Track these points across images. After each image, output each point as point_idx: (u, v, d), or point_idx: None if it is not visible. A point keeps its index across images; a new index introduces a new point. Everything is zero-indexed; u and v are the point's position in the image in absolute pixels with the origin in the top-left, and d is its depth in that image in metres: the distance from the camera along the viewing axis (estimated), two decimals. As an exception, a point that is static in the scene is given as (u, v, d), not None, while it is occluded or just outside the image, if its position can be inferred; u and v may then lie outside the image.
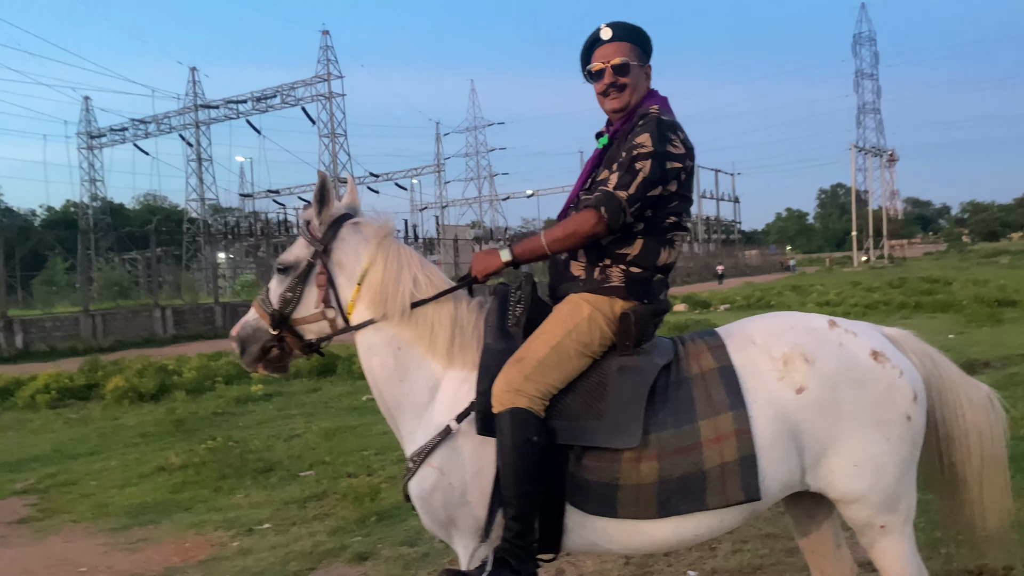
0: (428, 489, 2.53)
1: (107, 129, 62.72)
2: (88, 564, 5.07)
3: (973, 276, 33.92)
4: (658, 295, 2.60)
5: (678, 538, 2.50)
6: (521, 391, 2.39)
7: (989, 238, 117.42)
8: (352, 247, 2.70)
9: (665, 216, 2.55)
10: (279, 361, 2.84)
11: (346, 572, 4.60)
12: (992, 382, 8.83)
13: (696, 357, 2.51)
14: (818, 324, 2.59)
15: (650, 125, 2.48)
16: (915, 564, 2.58)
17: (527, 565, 2.42)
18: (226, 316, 28.84)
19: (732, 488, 2.37)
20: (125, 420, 10.44)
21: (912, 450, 2.52)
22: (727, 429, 2.37)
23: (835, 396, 2.42)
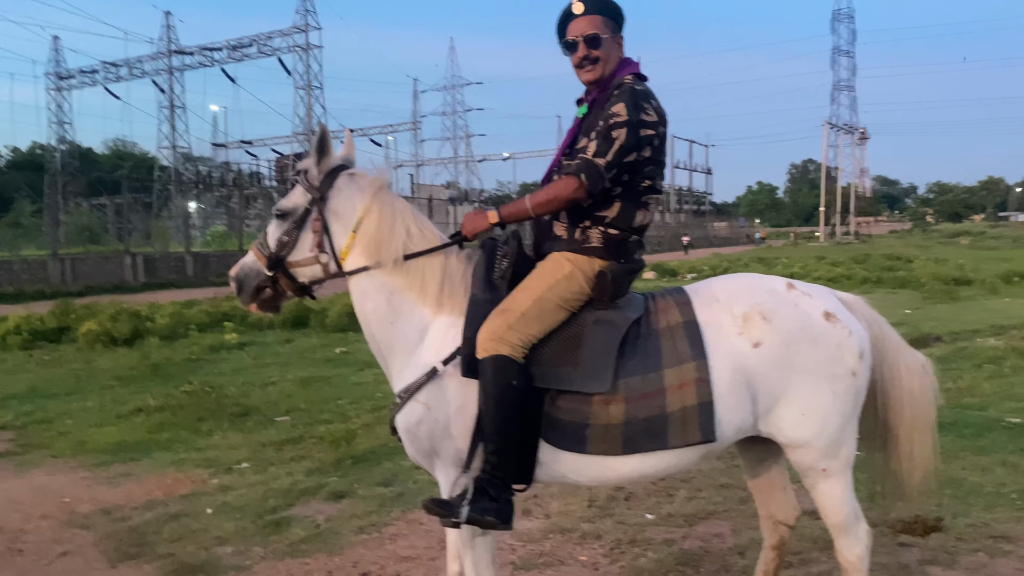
0: (415, 422, 2.75)
1: (77, 71, 61.20)
2: (71, 495, 5.26)
3: (934, 255, 34.71)
4: (633, 255, 2.82)
5: (639, 473, 2.75)
6: (504, 339, 2.59)
7: (953, 219, 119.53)
8: (348, 196, 2.86)
9: (640, 180, 2.75)
10: (272, 301, 3.02)
11: (324, 508, 4.84)
12: (941, 355, 9.30)
13: (665, 312, 2.75)
14: (777, 286, 2.84)
15: (624, 95, 2.67)
16: (851, 505, 2.86)
17: (504, 493, 2.66)
18: (197, 265, 28.71)
19: (691, 430, 2.62)
20: (99, 363, 10.52)
21: (855, 403, 2.78)
22: (689, 377, 2.62)
23: (789, 351, 2.67)
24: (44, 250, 27.80)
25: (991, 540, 4.02)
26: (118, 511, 4.91)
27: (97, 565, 4.14)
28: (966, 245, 50.45)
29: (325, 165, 2.90)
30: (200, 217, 46.06)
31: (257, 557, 4.16)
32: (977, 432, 5.99)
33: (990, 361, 8.92)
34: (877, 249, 44.62)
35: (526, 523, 4.46)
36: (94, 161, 71.10)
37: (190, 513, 4.82)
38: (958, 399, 7.16)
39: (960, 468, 5.15)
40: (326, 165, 2.90)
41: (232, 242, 34.97)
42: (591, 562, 3.96)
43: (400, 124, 71.75)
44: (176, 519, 4.72)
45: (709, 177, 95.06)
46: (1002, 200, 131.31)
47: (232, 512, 4.80)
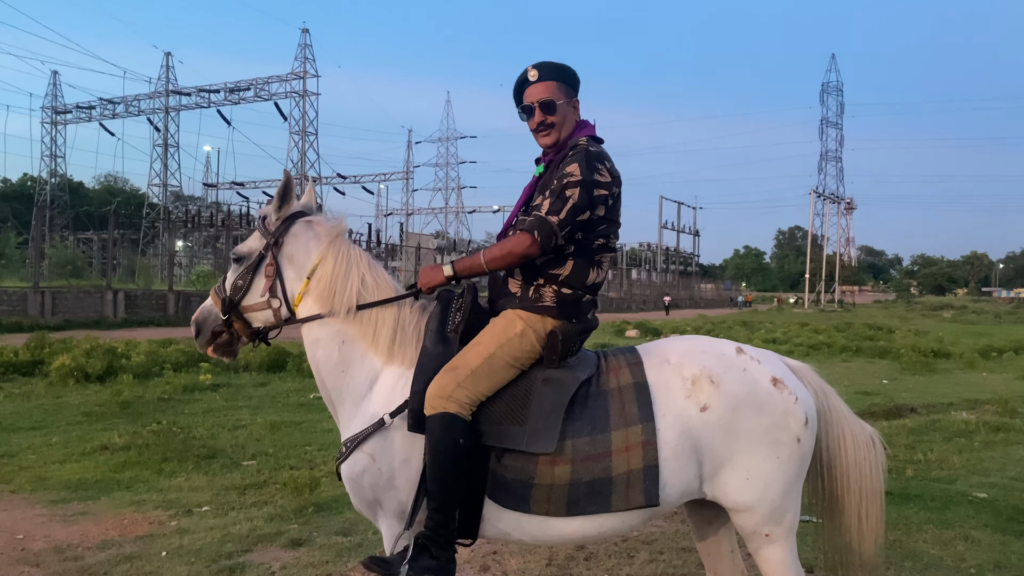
0: (359, 472, 2.75)
1: (73, 106, 61.64)
2: (25, 532, 5.16)
3: (915, 327, 35.05)
4: (586, 314, 2.84)
5: (582, 534, 2.74)
6: (452, 397, 2.59)
7: (936, 291, 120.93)
8: (303, 242, 2.90)
9: (594, 239, 2.80)
10: (228, 345, 3.02)
11: (280, 556, 4.76)
12: (914, 426, 9.35)
13: (615, 372, 2.76)
14: (727, 350, 2.86)
15: (579, 156, 2.73)
16: (794, 569, 2.85)
17: (445, 552, 2.64)
18: (179, 304, 28.58)
19: (635, 494, 2.61)
20: (69, 399, 10.41)
21: (800, 468, 2.80)
22: (636, 440, 2.62)
23: (735, 416, 2.68)
24: (26, 282, 27.64)
25: (946, 615, 4.01)
26: (71, 550, 4.82)
27: (42, 605, 4.05)
28: (948, 318, 50.92)
29: (285, 211, 2.94)
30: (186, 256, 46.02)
31: (206, 603, 4.08)
32: (943, 505, 5.99)
33: (961, 435, 8.97)
34: (860, 318, 44.98)
35: (483, 579, 4.41)
36: (84, 195, 71.13)
37: (143, 555, 4.73)
38: (927, 471, 7.18)
39: (922, 541, 5.15)
40: (286, 211, 2.94)
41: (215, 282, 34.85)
42: (545, 621, 3.91)
43: (393, 173, 72.42)
44: (129, 560, 4.64)
45: (697, 239, 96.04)
46: (985, 275, 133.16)
47: (187, 555, 4.72)
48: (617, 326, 30.47)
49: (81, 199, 66.41)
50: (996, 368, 18.07)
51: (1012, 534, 5.35)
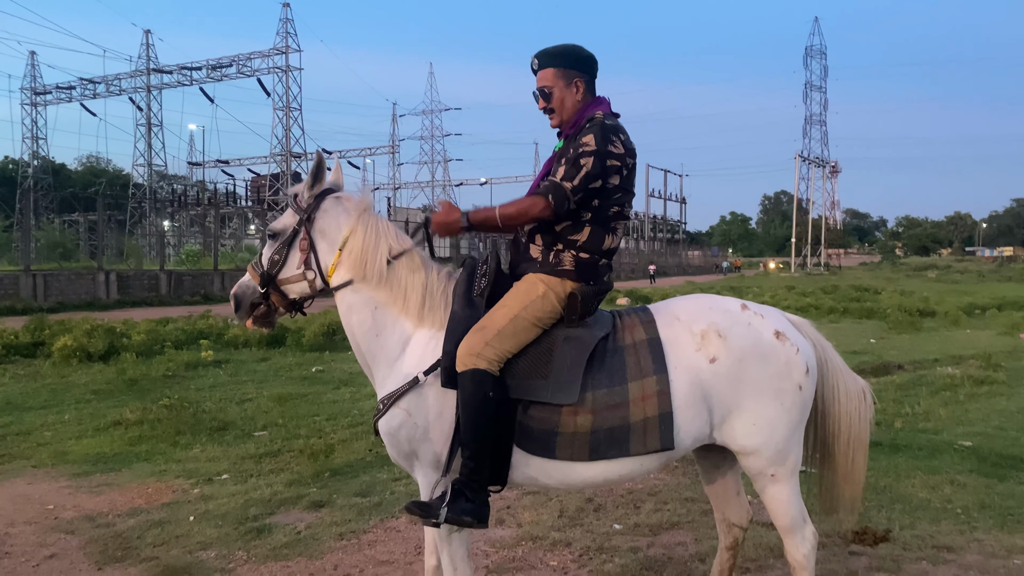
0: (396, 426, 2.96)
1: (53, 87, 60.77)
2: (54, 503, 5.37)
3: (901, 287, 35.48)
4: (602, 277, 3.08)
5: (604, 477, 2.98)
6: (481, 355, 2.81)
7: (921, 252, 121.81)
8: (333, 217, 3.08)
9: (610, 206, 3.00)
10: (266, 316, 3.22)
11: (304, 517, 5.00)
12: (902, 382, 9.68)
13: (630, 329, 3.00)
14: (732, 306, 3.09)
15: (595, 128, 2.94)
16: (798, 508, 3.10)
17: (480, 495, 2.87)
18: (171, 284, 28.60)
19: (652, 439, 2.86)
20: (75, 378, 10.56)
21: (801, 414, 3.04)
22: (651, 390, 2.86)
23: (742, 367, 2.92)
24: (15, 265, 27.59)
25: (934, 550, 4.29)
26: (101, 518, 5.04)
27: (83, 567, 4.27)
28: (933, 278, 51.52)
29: (317, 189, 3.12)
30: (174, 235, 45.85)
31: (240, 561, 4.31)
32: (929, 453, 6.29)
33: (946, 388, 9.29)
34: (846, 280, 45.48)
35: (499, 531, 4.66)
36: (67, 177, 70.48)
37: (172, 520, 4.95)
38: (914, 423, 7.48)
39: (911, 486, 5.43)
40: (318, 189, 3.13)
41: (207, 261, 34.88)
42: (561, 567, 4.16)
43: (378, 147, 71.96)
44: (159, 525, 4.86)
45: (683, 206, 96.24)
46: (969, 235, 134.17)
47: (214, 519, 4.94)
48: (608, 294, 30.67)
49: (65, 181, 65.83)
50: (980, 325, 18.48)
51: (996, 477, 5.65)
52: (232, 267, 33.01)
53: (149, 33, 58.42)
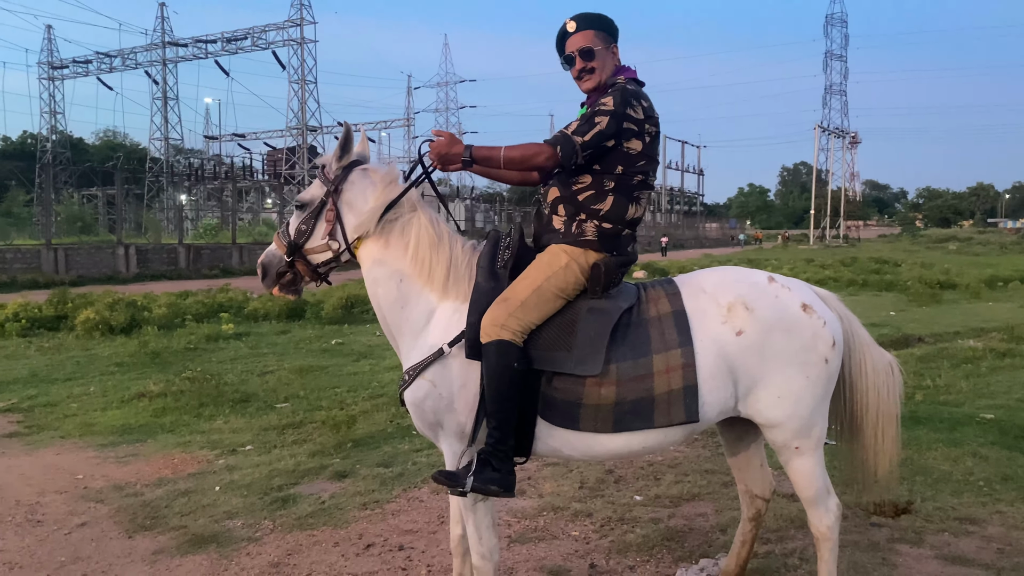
0: (421, 397, 2.97)
1: (70, 60, 60.97)
2: (83, 472, 5.47)
3: (921, 259, 35.18)
4: (625, 248, 3.06)
5: (628, 449, 2.98)
6: (505, 326, 2.81)
7: (941, 224, 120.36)
8: (360, 189, 3.09)
9: (633, 174, 2.98)
10: (292, 284, 3.25)
11: (328, 487, 5.06)
12: (922, 354, 9.62)
13: (655, 302, 2.99)
14: (759, 279, 3.06)
15: (616, 91, 2.93)
16: (822, 480, 3.06)
17: (506, 465, 2.89)
18: (190, 257, 28.81)
19: (676, 411, 2.86)
20: (98, 351, 10.71)
21: (827, 387, 2.99)
22: (676, 363, 2.85)
23: (768, 339, 2.90)
24: (36, 240, 27.85)
25: (956, 522, 4.29)
26: (129, 487, 5.13)
27: (114, 534, 4.36)
28: (954, 250, 50.98)
29: (345, 161, 3.13)
30: (192, 209, 46.07)
31: (266, 529, 4.38)
32: (951, 426, 6.26)
33: (968, 361, 9.22)
34: (865, 252, 45.08)
35: (521, 502, 4.70)
36: (85, 151, 70.85)
37: (199, 490, 5.04)
38: (935, 396, 7.45)
39: (932, 458, 5.42)
40: (346, 161, 3.13)
41: (224, 235, 35.08)
42: (582, 537, 4.20)
43: (394, 120, 71.83)
44: (186, 495, 4.94)
45: (701, 178, 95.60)
46: (991, 206, 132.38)
47: (239, 489, 5.02)
48: (624, 267, 30.61)
49: (82, 155, 66.19)
50: (1001, 298, 18.30)
51: (1018, 450, 5.62)
52: (250, 241, 33.20)
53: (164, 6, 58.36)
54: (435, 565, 3.93)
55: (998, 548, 3.97)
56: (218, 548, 4.15)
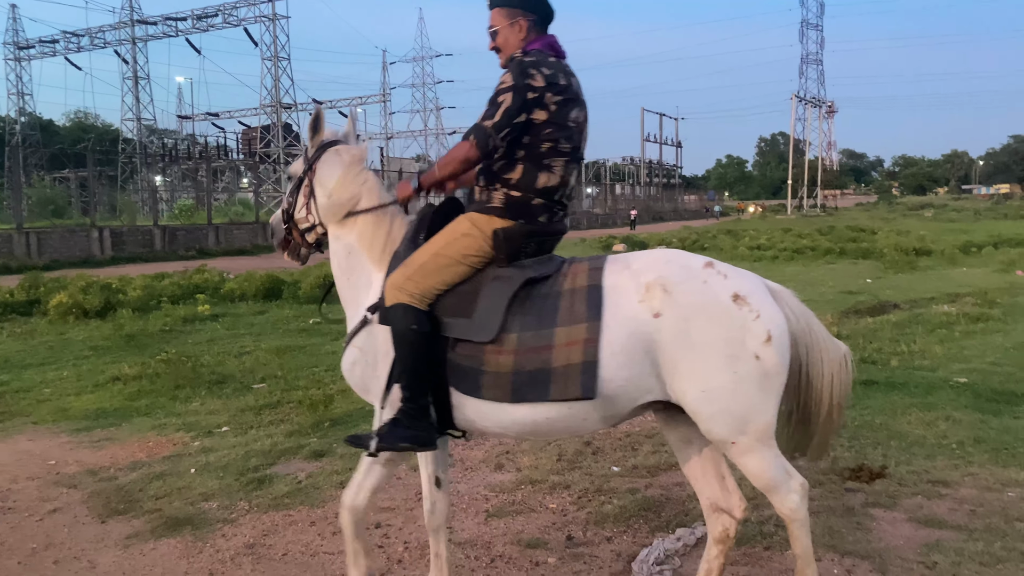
0: (351, 364, 3.11)
1: (36, 40, 59.73)
2: (56, 458, 5.40)
3: (897, 227, 35.48)
4: (537, 217, 2.98)
5: (532, 421, 2.88)
6: (403, 289, 2.89)
7: (917, 191, 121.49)
8: (329, 168, 3.27)
9: (540, 143, 2.94)
10: (294, 251, 3.45)
11: (305, 467, 5.03)
12: (898, 320, 9.72)
13: (574, 275, 2.89)
14: (694, 263, 2.86)
15: (512, 65, 2.94)
16: (774, 470, 2.85)
17: (417, 423, 2.92)
18: (165, 239, 28.49)
19: (572, 386, 2.75)
20: (72, 335, 10.57)
21: (761, 384, 2.74)
22: (578, 337, 2.75)
23: (687, 326, 2.72)
24: (7, 224, 27.41)
25: (929, 485, 4.34)
26: (103, 472, 5.07)
27: (87, 520, 4.31)
28: (929, 217, 51.46)
29: (316, 141, 3.31)
30: (166, 190, 45.52)
31: (242, 510, 4.35)
32: (925, 390, 6.33)
33: (942, 326, 9.33)
34: (843, 221, 45.42)
35: (499, 476, 4.70)
36: (55, 133, 69.67)
37: (174, 472, 4.99)
38: (911, 361, 7.53)
39: (907, 423, 5.48)
40: (317, 141, 3.31)
41: (200, 215, 34.68)
42: (560, 509, 4.21)
43: (369, 96, 71.02)
44: (161, 478, 4.89)
45: (679, 150, 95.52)
46: (965, 173, 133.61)
47: (215, 471, 4.98)
48: (604, 241, 30.68)
49: (53, 137, 65.10)
50: (976, 263, 18.51)
51: (990, 413, 5.70)
52: (226, 221, 32.81)
53: (132, -17, 57.14)
54: (412, 542, 3.92)
55: (970, 509, 4.02)
56: (193, 531, 4.11)
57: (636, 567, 3.52)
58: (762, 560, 3.60)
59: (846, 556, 3.59)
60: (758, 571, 3.51)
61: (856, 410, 5.84)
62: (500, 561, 3.69)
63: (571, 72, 3.02)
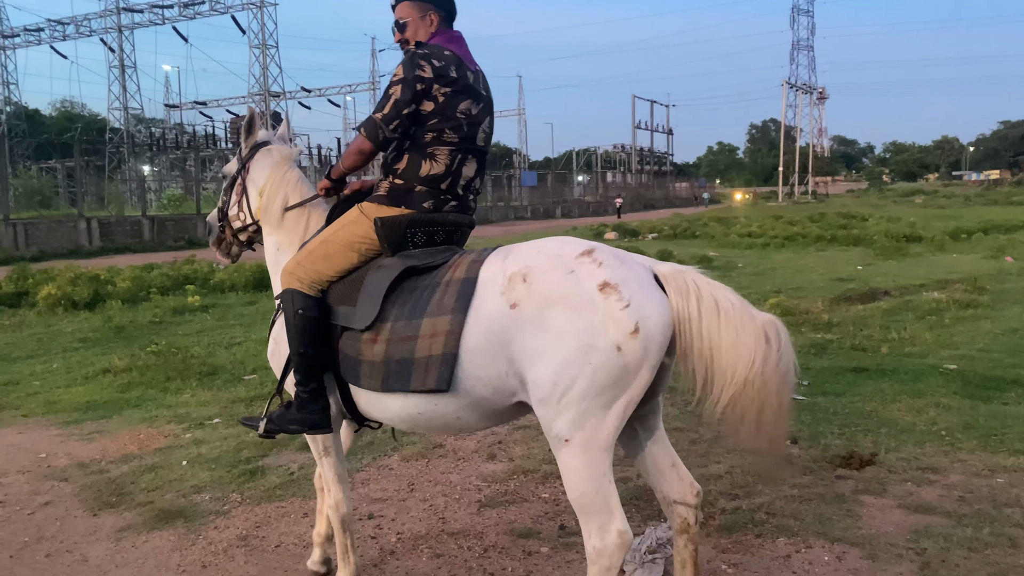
0: (270, 353, 3.30)
1: (21, 29, 59.10)
2: (46, 451, 5.37)
3: (888, 213, 35.58)
4: (419, 204, 2.98)
5: (407, 413, 2.85)
6: (293, 274, 3.01)
7: (908, 178, 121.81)
8: (260, 167, 3.46)
9: (424, 133, 2.95)
10: (227, 248, 3.65)
11: (296, 458, 5.03)
12: (888, 307, 9.76)
13: (456, 267, 2.83)
14: (567, 251, 2.69)
15: (405, 58, 2.98)
16: (595, 489, 2.57)
17: (308, 406, 3.00)
18: (154, 229, 28.33)
19: (430, 378, 2.69)
20: (61, 327, 10.51)
21: (618, 378, 2.53)
22: (441, 328, 2.69)
23: (544, 315, 2.56)
24: (-6, 215, 27.12)
25: (919, 471, 4.37)
26: (94, 464, 5.05)
27: (78, 513, 4.29)
28: (920, 204, 51.62)
29: (249, 142, 3.52)
30: (155, 180, 45.22)
31: (234, 502, 4.35)
32: (915, 377, 6.37)
33: (932, 313, 9.38)
34: (833, 208, 45.50)
35: (491, 466, 4.71)
36: (41, 123, 68.92)
37: (165, 465, 4.98)
38: (900, 348, 7.56)
39: (897, 410, 5.51)
40: (250, 142, 3.52)
41: (189, 205, 34.46)
42: (552, 499, 4.22)
43: (358, 84, 70.58)
44: (152, 470, 4.88)
45: (670, 137, 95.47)
46: (956, 159, 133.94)
47: (207, 463, 4.97)
48: (596, 229, 30.69)
49: (39, 127, 64.40)
50: (966, 249, 18.60)
51: (980, 399, 5.74)
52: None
53: (117, -30, 56.56)
54: (405, 532, 3.93)
55: (959, 496, 4.05)
56: (185, 523, 4.11)
57: (628, 556, 3.52)
58: (753, 547, 3.62)
59: (836, 543, 3.61)
60: (749, 559, 3.52)
61: (847, 397, 5.88)
62: (493, 551, 3.70)
63: (467, 66, 3.02)
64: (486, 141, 3.13)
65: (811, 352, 7.48)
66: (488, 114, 3.12)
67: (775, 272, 15.26)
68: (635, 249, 19.81)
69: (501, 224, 45.68)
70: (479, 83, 3.08)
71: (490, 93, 3.17)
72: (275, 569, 3.63)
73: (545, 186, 62.49)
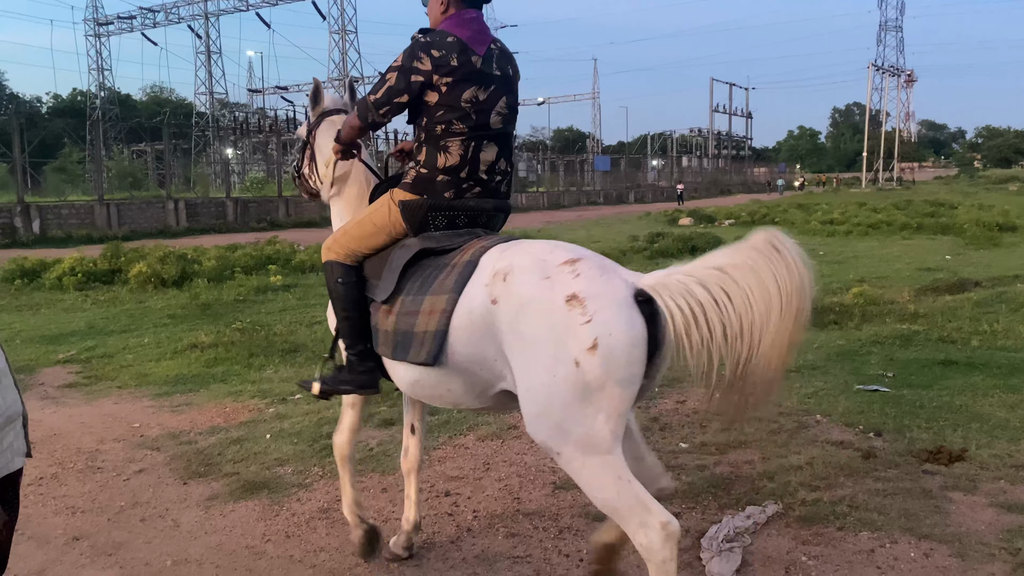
0: (328, 320, 3.46)
1: (114, 16, 61.56)
2: (139, 421, 5.63)
3: (979, 201, 34.04)
4: (442, 193, 3.03)
5: (409, 380, 2.96)
6: (331, 248, 3.21)
7: (1001, 164, 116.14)
8: (326, 137, 3.54)
9: (435, 124, 2.97)
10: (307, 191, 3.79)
11: (375, 434, 5.14)
12: (979, 299, 9.35)
13: (467, 251, 2.88)
14: (553, 257, 2.63)
15: (408, 46, 2.99)
16: (614, 495, 2.48)
17: (359, 367, 3.15)
18: (238, 211, 29.22)
19: (423, 352, 2.79)
20: (151, 303, 10.96)
21: (580, 394, 2.44)
22: (439, 307, 2.79)
23: (518, 317, 2.55)
24: (89, 195, 28.47)
25: (1013, 469, 4.18)
26: (184, 435, 5.27)
27: (170, 481, 4.49)
28: (1015, 191, 49.21)
29: (316, 111, 3.64)
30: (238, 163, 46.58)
31: (316, 476, 4.48)
32: (1008, 372, 6.09)
33: (1027, 305, 8.93)
34: (920, 195, 43.78)
35: (565, 449, 4.71)
36: (132, 107, 71.76)
37: (250, 438, 5.15)
38: (993, 341, 7.25)
39: (989, 405, 5.29)
40: (317, 111, 3.64)
41: (271, 188, 35.42)
42: (627, 484, 4.20)
43: (435, 69, 71.08)
44: (238, 443, 5.06)
45: (749, 121, 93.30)
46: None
47: (289, 437, 5.12)
48: (670, 215, 30.31)
49: (130, 111, 67.09)
50: (1065, 239, 17.65)
51: (1079, 396, 5.45)
52: (295, 194, 33.44)
53: (204, -41, 58.23)
54: (480, 511, 3.97)
55: (1057, 496, 3.87)
56: (269, 494, 4.25)
57: (705, 544, 3.50)
58: (835, 540, 3.54)
59: (923, 539, 3.49)
60: (831, 551, 3.45)
61: (934, 390, 5.67)
62: (568, 533, 3.72)
63: (472, 50, 2.93)
64: (504, 122, 3.08)
65: (896, 343, 7.24)
66: (503, 94, 3.05)
67: (858, 260, 14.79)
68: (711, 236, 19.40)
69: (574, 209, 45.50)
70: (490, 64, 3.00)
71: (508, 69, 3.08)
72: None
73: (619, 171, 61.95)
